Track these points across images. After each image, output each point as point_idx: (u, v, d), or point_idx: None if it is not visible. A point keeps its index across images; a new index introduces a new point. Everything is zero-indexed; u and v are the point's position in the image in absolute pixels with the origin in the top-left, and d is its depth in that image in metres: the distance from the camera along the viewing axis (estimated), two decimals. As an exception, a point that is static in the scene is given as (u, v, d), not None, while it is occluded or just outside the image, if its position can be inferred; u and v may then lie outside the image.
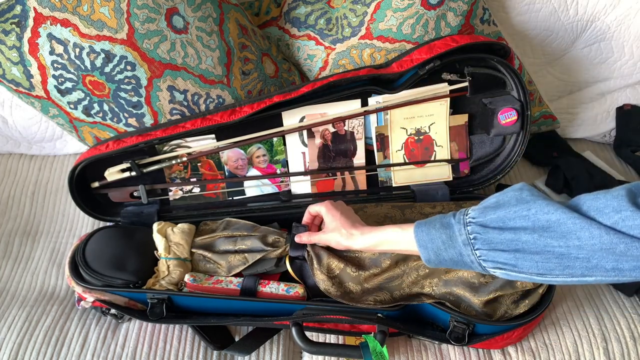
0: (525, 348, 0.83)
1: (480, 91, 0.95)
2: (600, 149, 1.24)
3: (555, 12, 1.09)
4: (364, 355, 0.75)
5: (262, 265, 0.88)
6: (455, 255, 0.64)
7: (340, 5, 1.00)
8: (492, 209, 0.62)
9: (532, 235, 0.59)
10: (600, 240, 0.54)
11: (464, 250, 0.63)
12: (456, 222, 0.65)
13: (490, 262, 0.62)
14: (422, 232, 0.68)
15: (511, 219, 0.60)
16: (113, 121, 0.93)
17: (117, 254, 0.85)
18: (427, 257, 0.67)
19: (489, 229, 0.61)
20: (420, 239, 0.68)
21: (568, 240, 0.56)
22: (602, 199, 0.56)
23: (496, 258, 0.61)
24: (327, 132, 0.97)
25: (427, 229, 0.67)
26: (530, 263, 0.59)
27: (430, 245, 0.67)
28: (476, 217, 0.63)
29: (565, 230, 0.57)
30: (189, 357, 0.83)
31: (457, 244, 0.64)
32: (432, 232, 0.66)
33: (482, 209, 0.64)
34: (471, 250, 0.63)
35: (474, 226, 0.63)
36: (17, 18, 0.85)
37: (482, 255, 0.62)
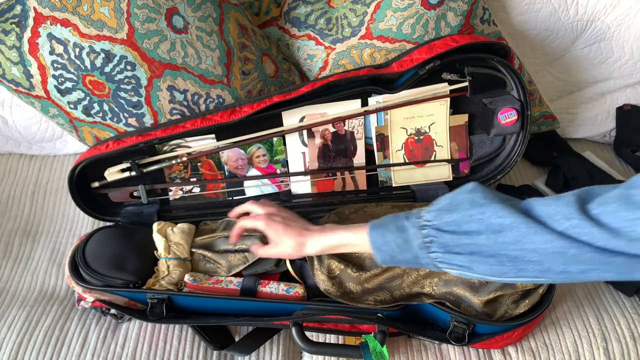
0: (525, 348, 0.83)
1: (480, 91, 0.95)
2: (600, 149, 1.24)
3: (555, 12, 1.09)
4: (364, 355, 0.75)
5: (262, 265, 0.88)
6: (411, 257, 0.65)
7: (340, 5, 1.00)
8: (447, 212, 0.63)
9: (487, 238, 0.59)
10: (553, 245, 0.56)
11: (420, 253, 0.64)
12: (411, 225, 0.64)
13: (445, 264, 0.63)
14: (376, 235, 0.67)
15: (466, 222, 0.61)
16: (113, 121, 0.93)
17: (117, 254, 0.85)
18: (382, 259, 0.67)
19: (444, 232, 0.62)
20: (374, 241, 0.67)
21: (523, 244, 0.57)
22: (554, 205, 0.57)
23: (452, 260, 0.62)
24: (327, 132, 0.97)
25: (381, 232, 0.67)
26: (484, 266, 0.60)
27: (385, 248, 0.66)
28: (431, 220, 0.63)
29: (519, 234, 0.57)
30: (189, 357, 0.83)
31: (412, 247, 0.64)
32: (387, 235, 0.66)
33: (437, 211, 0.64)
34: (427, 253, 0.63)
35: (429, 230, 0.63)
36: (17, 18, 0.85)
37: (437, 258, 0.63)
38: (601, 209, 0.54)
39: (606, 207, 0.54)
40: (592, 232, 0.54)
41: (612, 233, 0.53)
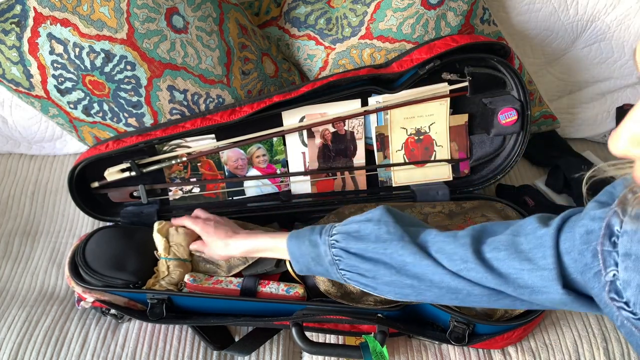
0: (525, 348, 0.83)
1: (480, 91, 0.95)
2: (600, 149, 1.24)
3: (555, 12, 1.09)
4: (364, 355, 0.75)
5: (262, 266, 0.88)
6: (323, 271, 0.70)
7: (340, 5, 1.00)
8: (354, 240, 0.67)
9: (389, 270, 0.64)
10: (449, 285, 0.61)
11: (330, 268, 0.68)
12: (322, 243, 0.68)
13: (353, 281, 0.68)
14: (293, 246, 0.71)
15: (370, 252, 0.65)
16: (113, 121, 0.93)
17: (117, 254, 0.85)
18: (299, 269, 0.72)
19: (351, 255, 0.66)
20: (292, 252, 0.72)
21: (421, 281, 0.63)
22: (451, 245, 0.62)
23: (358, 280, 0.67)
24: (327, 132, 0.97)
25: (297, 244, 0.71)
26: (388, 288, 0.66)
27: (301, 260, 0.71)
28: (339, 241, 0.67)
29: (419, 272, 0.63)
30: (189, 357, 0.83)
31: (324, 262, 0.69)
32: (302, 248, 0.70)
33: (345, 235, 0.68)
34: (336, 269, 0.68)
35: (337, 250, 0.67)
36: (17, 18, 0.85)
37: (346, 275, 0.68)
38: (493, 254, 0.59)
39: (498, 253, 0.59)
40: (486, 276, 0.59)
41: (502, 279, 0.58)
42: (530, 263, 0.56)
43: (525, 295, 0.58)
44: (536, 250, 0.56)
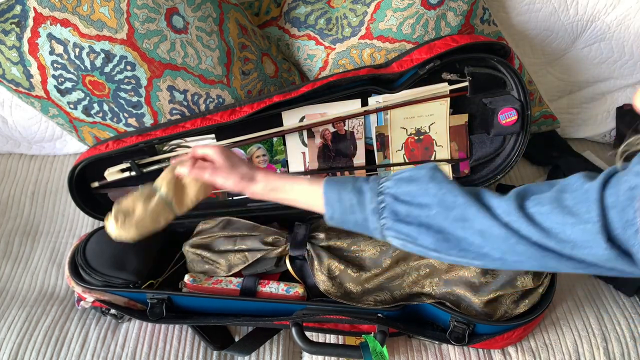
0: (525, 348, 0.83)
1: (480, 91, 0.95)
2: (600, 149, 1.24)
3: (555, 12, 1.09)
4: (364, 355, 0.75)
5: (262, 265, 0.88)
6: (361, 220, 0.66)
7: (340, 5, 1.00)
8: (406, 182, 0.64)
9: (439, 213, 0.62)
10: (499, 231, 0.59)
11: (371, 217, 0.65)
12: (369, 189, 0.65)
13: (392, 231, 0.64)
14: (331, 191, 0.67)
15: (421, 195, 0.63)
16: (113, 121, 0.93)
17: (117, 254, 0.85)
18: (331, 214, 0.67)
19: (399, 201, 0.63)
20: (329, 197, 0.67)
21: (472, 223, 0.60)
22: (496, 200, 0.61)
23: (400, 229, 0.63)
24: (327, 132, 0.97)
25: (337, 189, 0.67)
26: (430, 239, 0.62)
27: (337, 205, 0.67)
28: (390, 187, 0.64)
29: (470, 214, 0.60)
30: (189, 357, 0.83)
31: (365, 210, 0.65)
32: (343, 193, 0.66)
33: (397, 180, 0.65)
34: (378, 218, 0.64)
35: (385, 196, 0.64)
36: (17, 18, 0.85)
37: (386, 224, 0.64)
38: (536, 208, 0.58)
39: (541, 207, 0.57)
40: (529, 229, 0.57)
41: (545, 233, 0.56)
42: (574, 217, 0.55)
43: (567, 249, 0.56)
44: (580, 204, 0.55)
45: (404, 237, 0.64)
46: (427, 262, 0.82)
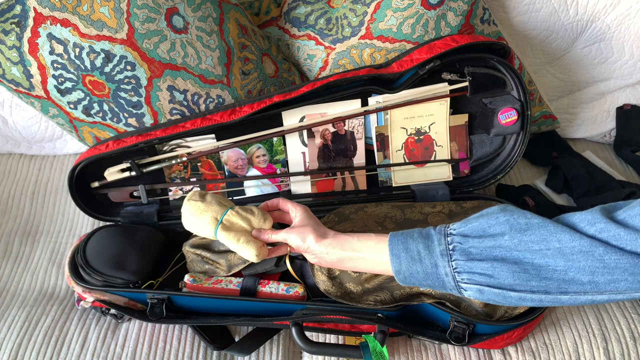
0: (525, 348, 0.83)
1: (480, 91, 0.95)
2: (600, 149, 1.24)
3: (555, 12, 1.09)
4: (364, 355, 0.75)
5: (262, 265, 0.88)
6: (430, 266, 0.62)
7: (340, 5, 1.00)
8: (475, 219, 0.62)
9: (512, 239, 0.58)
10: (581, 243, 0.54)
11: (440, 261, 0.61)
12: (436, 233, 0.63)
13: (465, 273, 0.60)
14: (397, 241, 0.65)
15: (492, 226, 0.60)
16: (113, 121, 0.93)
17: (118, 253, 0.85)
18: (398, 267, 0.64)
19: (469, 238, 0.60)
20: (394, 247, 0.65)
21: (548, 242, 0.56)
22: (577, 215, 0.57)
23: (473, 269, 0.59)
24: (327, 132, 0.97)
25: (403, 238, 0.65)
26: (507, 273, 0.57)
27: (404, 255, 0.63)
28: (458, 227, 0.62)
29: (546, 232, 0.56)
30: (189, 357, 0.83)
31: (434, 254, 0.61)
32: (409, 241, 0.64)
33: (465, 221, 0.63)
34: (448, 261, 0.60)
35: (454, 236, 0.61)
36: (17, 18, 0.85)
37: (458, 267, 0.60)
38: (627, 213, 0.54)
39: (632, 210, 0.54)
40: (619, 233, 0.53)
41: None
42: None
43: None
44: None
45: (478, 277, 0.59)
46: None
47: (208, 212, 0.76)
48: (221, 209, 0.77)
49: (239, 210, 0.77)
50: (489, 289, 0.59)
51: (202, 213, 0.76)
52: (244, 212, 0.77)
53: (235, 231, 0.75)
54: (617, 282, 0.54)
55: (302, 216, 0.75)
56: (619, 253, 0.52)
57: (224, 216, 0.76)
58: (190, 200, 0.78)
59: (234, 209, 0.77)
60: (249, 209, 0.78)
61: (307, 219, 0.75)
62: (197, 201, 0.77)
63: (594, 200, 1.01)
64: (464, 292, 0.61)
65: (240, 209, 0.78)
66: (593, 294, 0.55)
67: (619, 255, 0.52)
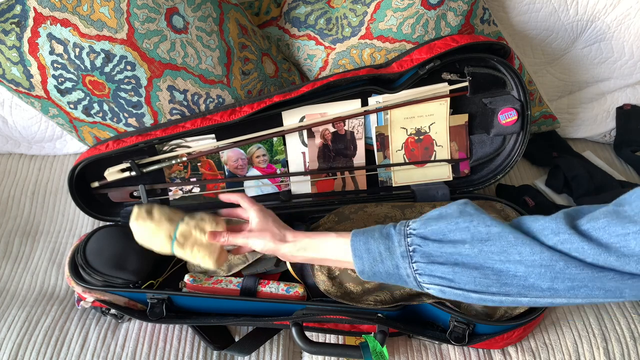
0: (525, 348, 0.83)
1: (480, 91, 0.95)
2: (600, 149, 1.24)
3: (555, 12, 1.09)
4: (364, 355, 0.75)
5: (262, 265, 0.88)
6: (392, 267, 0.62)
7: (340, 5, 1.00)
8: (434, 220, 0.61)
9: (473, 248, 0.57)
10: (541, 257, 0.54)
11: (401, 262, 0.61)
12: (396, 233, 0.62)
13: (426, 276, 0.60)
14: (359, 241, 0.64)
15: (452, 231, 0.59)
16: (113, 121, 0.93)
17: (118, 253, 0.85)
18: (361, 268, 0.64)
19: (429, 241, 0.60)
20: (356, 248, 0.64)
21: (508, 254, 0.56)
22: (541, 221, 0.56)
23: (433, 272, 0.59)
24: (327, 132, 0.97)
25: (365, 238, 0.64)
26: (467, 278, 0.58)
27: (366, 256, 0.63)
28: (417, 228, 0.61)
29: (506, 243, 0.56)
30: (189, 357, 0.83)
31: (394, 255, 0.61)
32: (370, 242, 0.63)
33: (424, 220, 0.62)
34: (409, 263, 0.60)
35: (414, 238, 0.61)
36: (17, 18, 0.85)
37: (419, 269, 0.60)
38: (590, 224, 0.53)
39: (596, 222, 0.53)
40: (582, 247, 0.52)
41: (603, 248, 0.52)
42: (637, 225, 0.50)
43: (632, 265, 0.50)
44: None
45: (439, 280, 0.59)
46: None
47: (160, 231, 0.74)
48: (172, 226, 0.75)
49: (189, 221, 0.75)
50: (450, 289, 0.60)
51: (154, 233, 0.74)
52: (194, 222, 0.76)
53: (191, 244, 0.74)
54: (576, 289, 0.54)
55: (258, 219, 0.73)
56: (580, 266, 0.52)
57: (176, 232, 0.75)
58: (138, 220, 0.74)
59: (184, 221, 0.76)
60: (199, 217, 0.77)
61: (264, 221, 0.73)
62: (145, 220, 0.74)
63: (594, 200, 1.01)
64: (426, 290, 0.62)
65: (190, 219, 0.76)
66: (552, 297, 0.56)
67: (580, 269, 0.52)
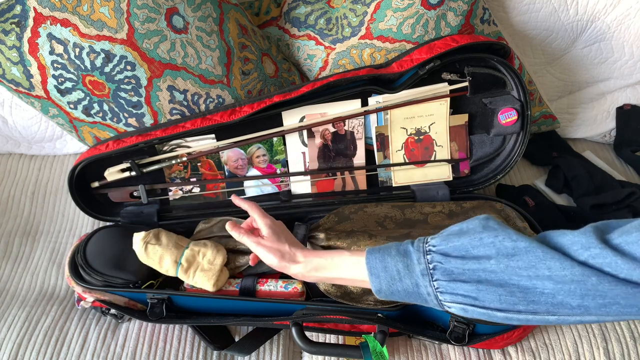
0: (525, 348, 0.83)
1: (480, 91, 0.95)
2: (600, 149, 1.24)
3: (555, 12, 1.09)
4: (364, 355, 0.75)
5: (262, 265, 0.88)
6: (411, 286, 0.59)
7: (340, 5, 1.00)
8: (456, 236, 0.59)
9: (498, 264, 0.55)
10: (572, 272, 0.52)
11: (421, 280, 0.58)
12: (415, 250, 0.60)
13: (448, 294, 0.57)
14: (375, 259, 0.62)
15: (475, 247, 0.57)
16: (113, 121, 0.93)
17: (117, 254, 0.85)
18: (378, 287, 0.61)
19: (451, 257, 0.57)
20: (372, 266, 0.62)
21: (537, 270, 0.53)
22: (569, 235, 0.54)
23: (456, 290, 0.57)
24: (327, 132, 0.97)
25: (381, 256, 0.62)
26: (492, 295, 0.55)
27: (383, 275, 0.61)
28: (437, 245, 0.59)
29: (534, 258, 0.54)
30: (189, 357, 0.83)
31: (414, 273, 0.59)
32: (387, 260, 0.61)
33: (445, 236, 0.60)
34: (429, 281, 0.58)
35: (434, 255, 0.58)
36: (17, 18, 0.85)
37: (440, 287, 0.58)
38: (623, 238, 0.51)
39: (628, 236, 0.51)
40: (616, 261, 0.50)
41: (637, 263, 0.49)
42: None
43: None
44: None
45: (462, 298, 0.56)
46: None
47: (167, 256, 0.83)
48: (179, 252, 0.84)
49: (193, 247, 0.85)
50: (473, 308, 0.57)
51: (162, 257, 0.83)
52: (197, 248, 0.85)
53: (194, 269, 0.83)
54: (608, 307, 0.52)
55: (269, 234, 0.72)
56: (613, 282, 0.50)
57: (182, 258, 0.83)
58: (146, 243, 0.83)
59: (189, 247, 0.85)
60: (201, 244, 0.85)
61: (274, 237, 0.72)
62: (154, 245, 0.83)
63: (594, 200, 1.01)
64: (448, 309, 0.59)
65: (194, 245, 0.85)
66: (582, 315, 0.53)
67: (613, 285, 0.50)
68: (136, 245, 0.83)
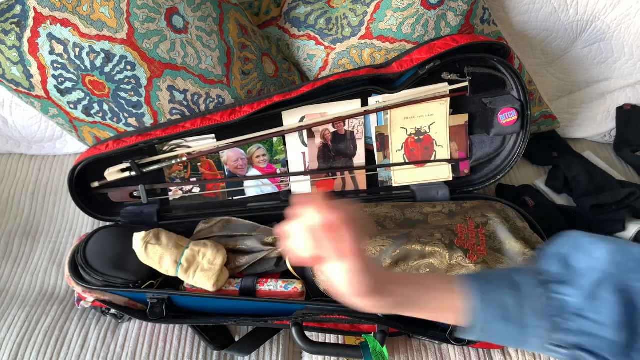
0: (526, 348, 0.83)
1: (480, 91, 0.95)
2: (600, 149, 1.24)
3: (555, 12, 1.09)
4: (364, 355, 0.75)
5: (262, 265, 0.88)
6: (518, 329, 0.49)
7: (340, 5, 1.00)
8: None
9: None
10: None
11: (539, 322, 0.48)
12: (526, 282, 0.50)
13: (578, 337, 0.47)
14: (479, 290, 0.51)
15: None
16: (113, 121, 0.93)
17: (118, 254, 0.85)
18: (474, 322, 0.51)
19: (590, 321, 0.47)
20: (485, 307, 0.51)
21: None
22: None
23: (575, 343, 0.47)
24: (327, 132, 0.97)
25: (487, 281, 0.51)
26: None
27: (487, 311, 0.50)
28: (579, 306, 0.48)
29: None
30: (189, 357, 0.83)
31: (533, 308, 0.48)
32: (492, 292, 0.50)
33: (590, 293, 0.48)
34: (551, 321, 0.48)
35: (574, 317, 0.48)
36: (17, 18, 0.85)
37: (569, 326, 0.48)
38: None
39: None
40: None
41: None
42: None
43: None
44: None
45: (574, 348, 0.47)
46: (427, 262, 0.82)
47: (167, 256, 0.83)
48: (179, 251, 0.84)
49: (193, 247, 0.84)
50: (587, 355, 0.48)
51: (162, 257, 0.83)
52: (197, 248, 0.84)
53: (193, 269, 0.83)
54: None
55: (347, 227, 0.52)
56: None
57: (182, 258, 0.83)
58: (148, 244, 0.83)
59: (189, 247, 0.84)
60: (201, 244, 0.85)
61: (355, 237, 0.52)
62: (154, 245, 0.83)
63: (594, 200, 1.01)
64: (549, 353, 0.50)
65: (194, 245, 0.85)
66: None
67: None
68: (136, 245, 0.83)
